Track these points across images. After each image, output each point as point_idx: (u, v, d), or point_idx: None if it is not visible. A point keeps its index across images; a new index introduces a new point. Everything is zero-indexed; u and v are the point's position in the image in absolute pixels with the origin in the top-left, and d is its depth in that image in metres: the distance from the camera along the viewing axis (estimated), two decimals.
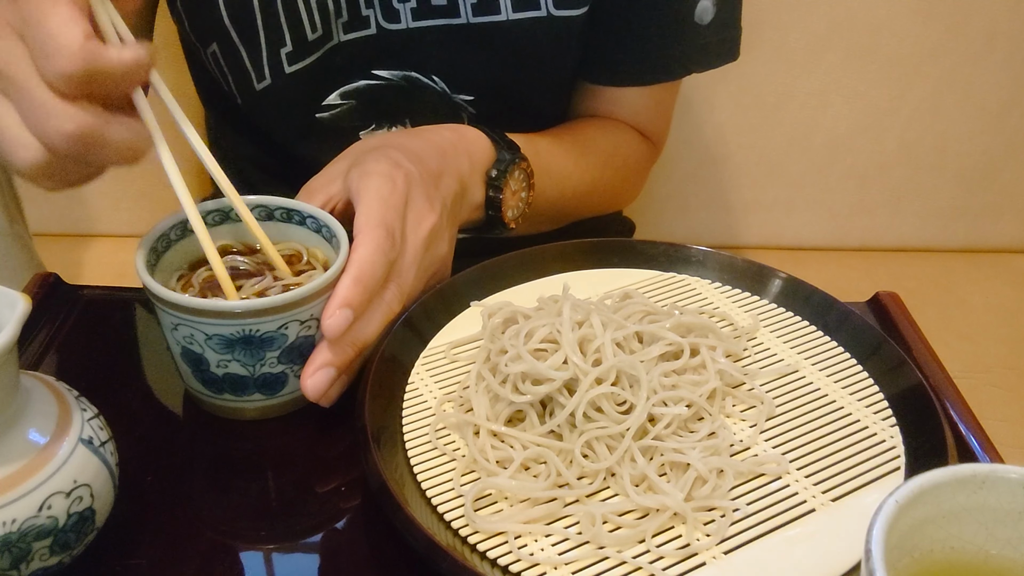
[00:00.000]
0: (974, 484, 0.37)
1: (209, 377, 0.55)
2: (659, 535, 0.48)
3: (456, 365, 0.59)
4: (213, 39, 0.73)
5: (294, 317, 0.53)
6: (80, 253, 1.33)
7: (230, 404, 0.56)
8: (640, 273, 0.67)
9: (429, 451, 0.53)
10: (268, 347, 0.53)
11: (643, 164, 0.89)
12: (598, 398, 0.51)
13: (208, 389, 0.56)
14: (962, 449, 0.55)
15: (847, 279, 1.42)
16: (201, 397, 0.57)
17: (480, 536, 0.48)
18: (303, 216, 0.60)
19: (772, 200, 1.48)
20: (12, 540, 0.41)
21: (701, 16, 0.77)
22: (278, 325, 0.52)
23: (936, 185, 1.48)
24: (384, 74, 0.76)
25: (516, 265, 0.66)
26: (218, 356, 0.53)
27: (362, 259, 0.54)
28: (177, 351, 0.55)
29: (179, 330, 0.53)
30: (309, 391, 0.53)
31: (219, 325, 0.52)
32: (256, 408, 0.56)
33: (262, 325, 0.52)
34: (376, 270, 0.54)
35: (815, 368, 0.59)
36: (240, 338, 0.52)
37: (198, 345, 0.53)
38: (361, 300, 0.53)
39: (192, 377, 0.56)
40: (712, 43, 0.80)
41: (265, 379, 0.55)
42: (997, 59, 1.36)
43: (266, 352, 0.53)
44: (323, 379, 0.53)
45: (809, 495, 0.50)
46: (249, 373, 0.54)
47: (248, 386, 0.55)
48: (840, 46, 1.35)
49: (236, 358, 0.53)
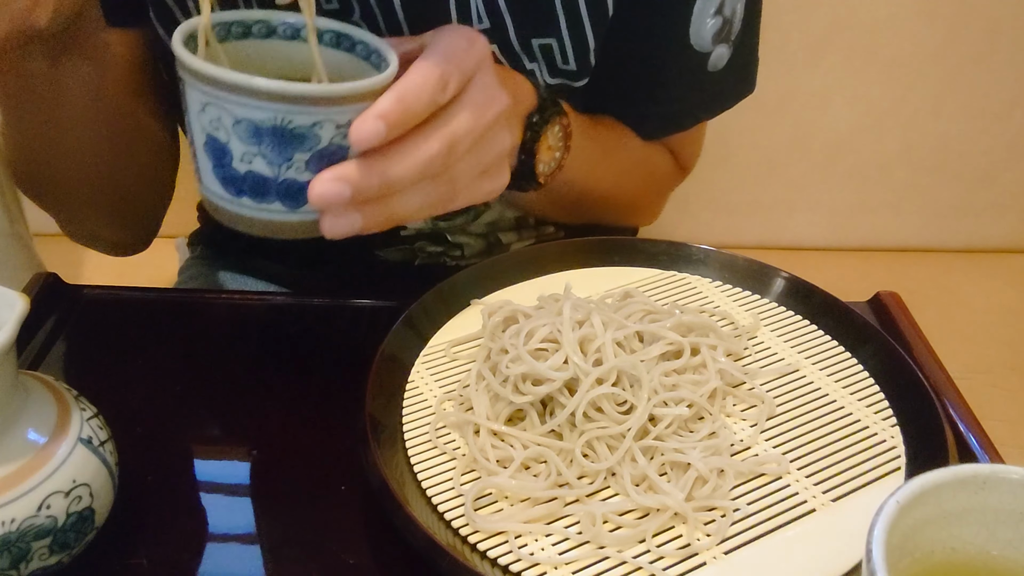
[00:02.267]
0: (975, 484, 0.37)
1: (231, 175, 0.50)
2: (659, 535, 0.48)
3: (456, 364, 0.59)
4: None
5: (329, 116, 0.49)
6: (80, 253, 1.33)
7: (248, 213, 0.51)
8: (641, 272, 0.67)
9: (429, 450, 0.53)
10: (298, 146, 0.49)
11: (668, 181, 0.85)
12: (599, 398, 0.51)
13: (227, 191, 0.51)
14: (962, 449, 0.55)
15: (847, 279, 1.42)
16: (218, 203, 0.52)
17: (480, 535, 0.47)
18: (353, 42, 0.54)
19: (773, 200, 1.48)
20: (11, 540, 0.41)
21: (715, 64, 0.73)
22: (312, 121, 0.48)
23: (937, 185, 1.48)
24: None
25: (516, 263, 0.66)
26: (244, 147, 0.49)
27: (408, 83, 0.49)
28: (201, 141, 0.50)
29: (207, 111, 0.49)
30: (315, 195, 0.48)
31: (250, 107, 0.48)
32: (273, 222, 0.51)
33: (295, 117, 0.48)
34: (421, 95, 0.49)
35: (816, 367, 0.59)
36: (270, 128, 0.48)
37: (224, 132, 0.49)
38: (398, 119, 0.48)
39: (213, 175, 0.51)
40: (727, 86, 0.76)
41: (289, 187, 0.50)
42: (998, 60, 1.36)
43: (295, 151, 0.49)
44: (335, 190, 0.48)
45: (809, 495, 0.50)
46: (273, 175, 0.50)
47: (270, 191, 0.50)
48: (841, 47, 1.35)
49: (262, 152, 0.49)
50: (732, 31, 0.72)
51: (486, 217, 0.78)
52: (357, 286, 0.82)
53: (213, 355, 0.64)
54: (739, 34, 0.73)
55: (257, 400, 0.59)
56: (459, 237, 0.79)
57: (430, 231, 0.78)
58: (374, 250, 0.80)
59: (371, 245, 0.79)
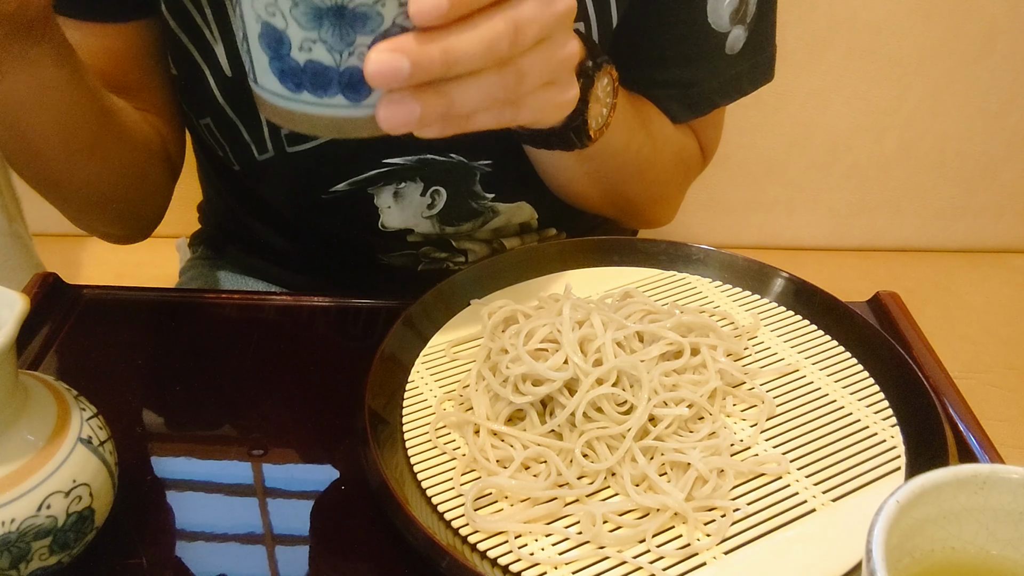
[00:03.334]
0: (975, 484, 0.37)
1: (290, 66, 0.48)
2: (659, 535, 0.48)
3: (456, 364, 0.59)
4: (206, 113, 0.70)
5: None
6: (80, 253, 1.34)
7: (308, 110, 0.49)
8: (641, 272, 0.67)
9: (429, 450, 0.53)
10: (360, 27, 0.47)
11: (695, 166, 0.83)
12: (599, 398, 0.51)
13: (286, 85, 0.48)
14: (962, 449, 0.55)
15: (847, 279, 1.42)
16: (276, 102, 0.49)
17: (480, 535, 0.47)
18: None
19: (772, 200, 1.48)
20: (11, 540, 0.41)
21: (733, 46, 0.72)
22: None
23: (936, 185, 1.48)
24: (398, 161, 0.72)
25: (516, 263, 0.66)
26: (303, 33, 0.47)
27: None
28: (256, 31, 0.48)
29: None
30: (371, 66, 0.45)
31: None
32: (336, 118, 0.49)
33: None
34: None
35: (816, 367, 0.59)
36: (331, 7, 0.46)
37: (282, 17, 0.47)
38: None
39: (269, 69, 0.49)
40: (744, 71, 0.75)
41: (352, 76, 0.48)
42: (997, 59, 1.36)
43: (357, 34, 0.47)
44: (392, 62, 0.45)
45: (809, 495, 0.50)
46: (335, 63, 0.47)
47: (332, 82, 0.48)
48: (840, 46, 1.35)
49: (323, 37, 0.47)
50: (748, 12, 0.71)
51: (493, 224, 0.78)
52: (359, 289, 0.82)
53: (213, 355, 0.64)
54: (754, 17, 0.72)
55: (257, 400, 0.59)
56: (464, 243, 0.79)
57: (436, 237, 0.78)
58: (379, 254, 0.79)
59: (376, 249, 0.79)
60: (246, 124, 0.70)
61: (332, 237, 0.80)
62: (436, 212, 0.75)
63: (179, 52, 0.68)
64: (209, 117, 0.70)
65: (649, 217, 0.84)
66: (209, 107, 0.69)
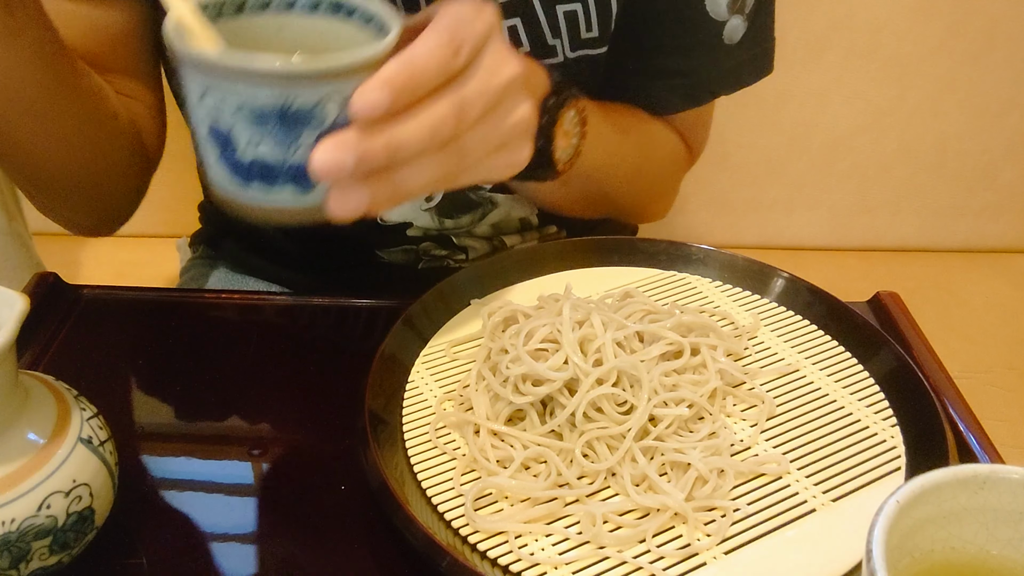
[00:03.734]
0: (975, 484, 0.37)
1: (237, 163, 0.49)
2: (659, 535, 0.48)
3: (456, 363, 0.59)
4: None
5: (335, 90, 0.47)
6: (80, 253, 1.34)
7: (257, 202, 0.50)
8: (641, 272, 0.67)
9: (429, 450, 0.53)
10: (304, 125, 0.47)
11: (684, 165, 0.84)
12: (599, 398, 0.51)
13: (235, 180, 0.49)
14: (962, 449, 0.55)
15: (847, 279, 1.42)
16: (226, 195, 0.50)
17: (480, 535, 0.47)
18: (351, 8, 0.52)
19: (772, 200, 1.48)
20: (11, 540, 0.41)
21: (731, 36, 0.73)
22: (316, 98, 0.47)
23: (936, 185, 1.48)
24: None
25: (516, 263, 0.66)
26: (248, 133, 0.47)
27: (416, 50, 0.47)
28: (203, 131, 0.49)
29: (206, 99, 0.48)
30: (317, 164, 0.46)
31: (251, 90, 0.46)
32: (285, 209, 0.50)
33: (299, 95, 0.46)
34: (429, 63, 0.47)
35: (816, 367, 0.59)
36: (274, 110, 0.47)
37: (226, 119, 0.48)
38: (404, 84, 0.46)
39: (219, 165, 0.50)
40: (743, 62, 0.76)
41: (298, 170, 0.48)
42: (997, 59, 1.37)
43: (302, 132, 0.48)
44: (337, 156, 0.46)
45: (809, 495, 0.50)
46: (281, 159, 0.48)
47: (279, 176, 0.49)
48: (840, 46, 1.35)
49: (268, 137, 0.48)
50: (746, 3, 0.72)
51: (492, 217, 0.78)
52: (359, 288, 0.82)
53: (213, 355, 0.64)
54: (752, 8, 0.72)
55: (257, 400, 0.59)
56: (464, 240, 0.79)
57: (436, 233, 0.78)
58: (377, 249, 0.80)
59: (376, 244, 0.79)
60: None
61: (331, 231, 0.80)
62: (434, 204, 0.76)
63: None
64: None
65: (643, 215, 0.85)
66: None
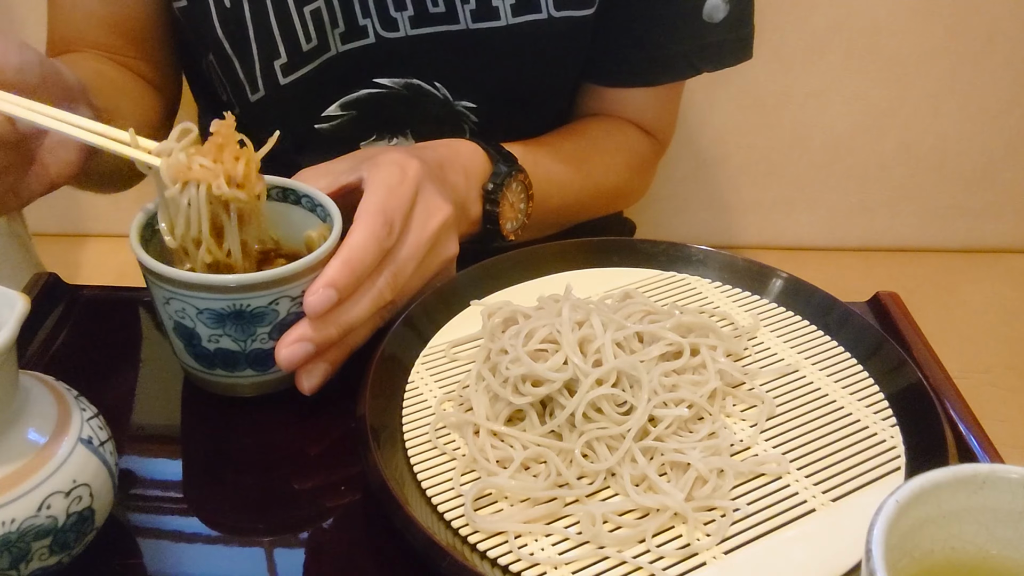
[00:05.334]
0: (975, 484, 0.37)
1: (201, 352, 0.55)
2: (659, 535, 0.48)
3: (456, 364, 0.59)
4: (208, 49, 0.73)
5: (284, 293, 0.53)
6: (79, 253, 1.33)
7: (223, 380, 0.56)
8: (640, 272, 0.67)
9: (429, 450, 0.53)
10: (259, 322, 0.53)
11: (649, 162, 0.88)
12: (598, 399, 0.51)
13: (200, 364, 0.56)
14: (962, 449, 0.55)
15: (847, 279, 1.42)
16: (195, 373, 0.57)
17: (480, 536, 0.47)
18: (298, 196, 0.60)
19: (772, 200, 1.48)
20: (11, 540, 0.41)
21: (711, 14, 0.76)
22: (269, 300, 0.53)
23: (936, 185, 1.48)
24: (386, 82, 0.76)
25: (516, 264, 0.66)
26: (209, 331, 0.53)
27: (354, 243, 0.54)
28: (170, 326, 0.55)
29: (171, 304, 0.53)
30: (283, 361, 0.53)
31: (209, 299, 0.52)
32: (249, 384, 0.57)
33: (252, 300, 0.52)
34: (367, 256, 0.54)
35: (815, 368, 0.59)
36: (231, 313, 0.52)
37: (190, 320, 0.53)
38: (347, 282, 0.53)
39: (185, 352, 0.56)
40: (728, 40, 0.79)
41: (257, 355, 0.55)
42: (997, 59, 1.36)
43: (257, 328, 0.54)
44: (299, 352, 0.53)
45: (809, 495, 0.50)
46: (240, 348, 0.54)
47: (240, 362, 0.55)
48: (840, 46, 1.35)
49: (227, 333, 0.53)
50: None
51: None
52: None
53: None
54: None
55: (257, 400, 0.59)
56: None
57: None
58: None
59: None
60: (241, 61, 0.72)
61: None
62: None
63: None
64: (211, 53, 0.73)
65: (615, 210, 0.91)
66: (210, 42, 0.72)
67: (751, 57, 0.81)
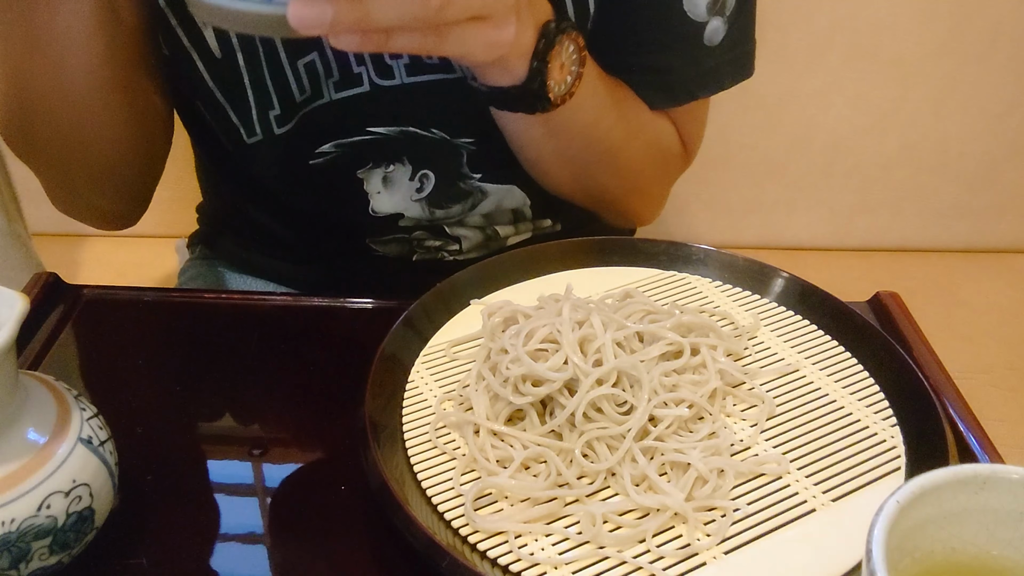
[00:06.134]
0: (975, 485, 0.37)
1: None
2: (659, 535, 0.48)
3: (456, 364, 0.59)
4: (196, 97, 0.71)
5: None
6: (79, 253, 1.34)
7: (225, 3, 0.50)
8: (641, 272, 0.67)
9: (429, 450, 0.53)
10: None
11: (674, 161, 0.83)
12: (599, 399, 0.51)
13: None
14: (962, 449, 0.55)
15: (847, 279, 1.42)
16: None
17: (480, 535, 0.47)
18: None
19: (773, 200, 1.48)
20: (11, 540, 0.41)
21: (711, 38, 0.73)
22: None
23: (937, 186, 1.48)
24: (381, 130, 0.74)
25: (516, 263, 0.66)
26: None
27: None
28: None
29: None
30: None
31: None
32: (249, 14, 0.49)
33: None
34: None
35: (816, 367, 0.59)
36: None
37: None
38: None
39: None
40: (723, 63, 0.76)
41: None
42: (999, 60, 1.36)
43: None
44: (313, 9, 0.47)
45: (809, 495, 0.50)
46: None
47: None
48: (842, 47, 1.35)
49: None
50: (727, 5, 0.72)
51: (483, 208, 0.78)
52: (356, 282, 0.82)
53: (213, 355, 0.64)
54: (733, 11, 0.73)
55: (257, 400, 0.59)
56: (456, 229, 0.79)
57: (428, 222, 0.78)
58: (369, 239, 0.80)
59: (368, 233, 0.79)
60: (235, 108, 0.71)
61: (325, 220, 0.81)
62: (425, 195, 0.76)
63: (168, 34, 0.68)
64: (199, 101, 0.71)
65: (626, 209, 0.83)
66: (199, 89, 0.70)
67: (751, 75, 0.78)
